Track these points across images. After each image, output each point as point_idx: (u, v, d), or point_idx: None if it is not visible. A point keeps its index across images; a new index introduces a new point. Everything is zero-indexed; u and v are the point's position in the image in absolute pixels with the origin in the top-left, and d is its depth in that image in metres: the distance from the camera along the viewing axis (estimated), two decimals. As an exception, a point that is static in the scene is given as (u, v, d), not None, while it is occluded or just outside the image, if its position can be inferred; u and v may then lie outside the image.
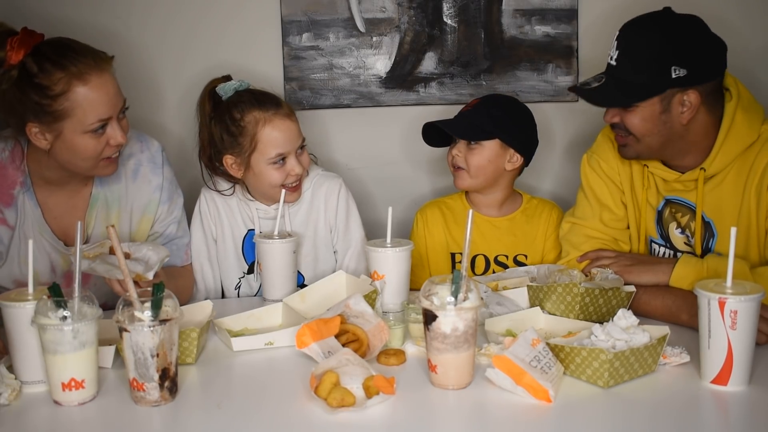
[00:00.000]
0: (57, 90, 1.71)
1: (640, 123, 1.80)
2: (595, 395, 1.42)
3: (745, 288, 1.42)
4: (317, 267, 2.17)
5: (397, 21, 2.56)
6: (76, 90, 1.72)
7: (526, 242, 2.20)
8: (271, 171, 2.03)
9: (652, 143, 1.82)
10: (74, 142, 1.76)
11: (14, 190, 1.88)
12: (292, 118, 2.06)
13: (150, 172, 2.01)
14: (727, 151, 1.81)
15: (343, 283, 1.90)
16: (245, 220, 2.16)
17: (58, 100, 1.72)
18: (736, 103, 1.81)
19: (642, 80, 1.77)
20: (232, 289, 2.18)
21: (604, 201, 2.00)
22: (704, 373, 1.46)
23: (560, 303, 1.75)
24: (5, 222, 1.87)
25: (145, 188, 2.01)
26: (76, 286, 1.43)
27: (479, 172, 2.15)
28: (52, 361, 1.40)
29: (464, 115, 2.19)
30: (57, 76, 1.71)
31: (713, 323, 1.42)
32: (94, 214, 1.96)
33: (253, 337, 1.67)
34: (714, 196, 1.85)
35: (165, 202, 2.03)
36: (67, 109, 1.73)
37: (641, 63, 1.78)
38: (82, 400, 1.43)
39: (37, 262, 1.84)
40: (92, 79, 1.74)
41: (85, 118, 1.74)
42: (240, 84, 2.08)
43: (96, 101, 1.74)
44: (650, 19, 1.82)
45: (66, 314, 1.39)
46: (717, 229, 1.86)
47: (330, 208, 2.16)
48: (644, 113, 1.79)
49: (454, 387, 1.46)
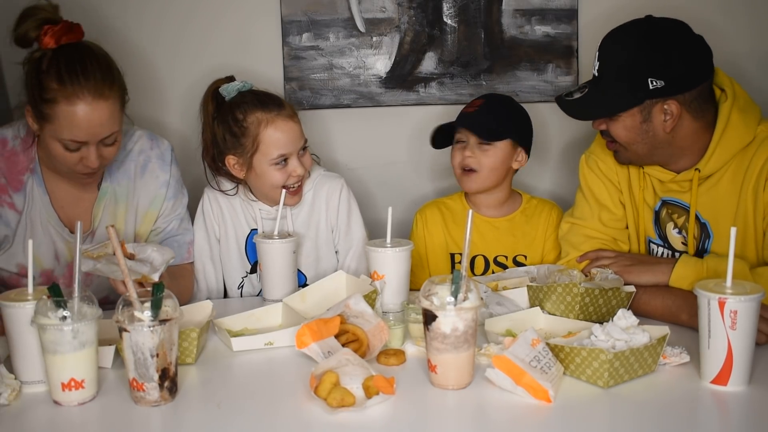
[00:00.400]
0: (48, 96, 1.74)
1: (623, 132, 1.82)
2: (594, 395, 1.42)
3: (745, 288, 1.42)
4: (319, 267, 2.17)
5: (397, 21, 2.56)
6: (61, 106, 1.74)
7: (525, 243, 2.19)
8: (273, 172, 2.03)
9: (638, 150, 1.84)
10: (51, 145, 1.80)
11: (24, 175, 1.91)
12: (294, 120, 2.06)
13: (158, 168, 2.04)
14: (722, 151, 1.81)
15: (343, 283, 1.90)
16: (248, 219, 2.16)
17: (47, 104, 1.75)
18: (731, 104, 1.81)
19: (620, 91, 1.78)
20: (235, 288, 2.18)
21: (603, 201, 2.00)
22: (704, 373, 1.46)
23: (560, 303, 1.75)
24: (13, 206, 1.90)
25: (152, 183, 2.03)
26: (76, 286, 1.43)
27: (492, 173, 2.14)
28: (52, 361, 1.40)
29: (472, 115, 2.16)
30: (52, 85, 1.74)
31: (713, 323, 1.42)
32: (102, 207, 1.98)
33: (253, 337, 1.67)
34: (710, 197, 1.85)
35: (170, 199, 2.05)
36: (50, 116, 1.76)
37: (619, 74, 1.79)
38: (82, 400, 1.42)
39: (41, 248, 1.90)
40: (79, 103, 1.74)
41: (60, 132, 1.77)
42: (243, 85, 2.08)
43: (74, 124, 1.75)
44: (628, 30, 1.82)
45: (66, 314, 1.39)
46: (713, 230, 1.86)
47: (331, 208, 2.16)
48: (626, 123, 1.80)
49: (454, 387, 1.46)
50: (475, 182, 2.16)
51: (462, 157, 2.15)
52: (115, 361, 1.57)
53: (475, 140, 2.14)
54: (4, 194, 1.89)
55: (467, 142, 2.15)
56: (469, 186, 2.17)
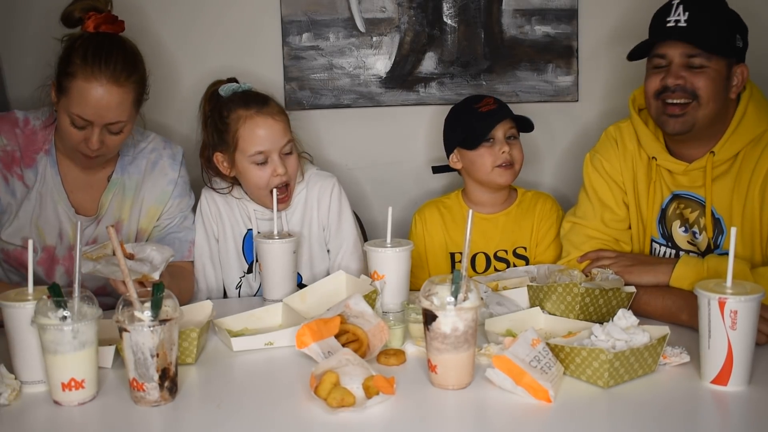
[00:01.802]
0: (70, 70, 1.85)
1: (707, 84, 1.78)
2: (594, 395, 1.42)
3: (745, 288, 1.42)
4: (314, 266, 2.18)
5: (397, 21, 2.56)
6: (78, 81, 1.84)
7: (522, 234, 2.21)
8: (253, 170, 2.03)
9: (711, 111, 1.80)
10: (62, 119, 1.89)
11: (38, 155, 2.00)
12: (276, 118, 2.05)
13: (168, 166, 2.09)
14: (736, 138, 1.82)
15: (343, 283, 1.90)
16: (244, 219, 2.16)
17: (67, 78, 1.85)
18: (749, 95, 1.85)
19: (716, 41, 1.78)
20: (233, 288, 2.18)
21: (606, 201, 2.00)
22: (704, 374, 1.46)
23: (560, 303, 1.75)
24: (22, 179, 1.99)
25: (161, 180, 2.07)
26: (76, 286, 1.43)
27: (520, 167, 2.20)
28: (52, 361, 1.40)
29: (497, 112, 2.17)
30: (76, 61, 1.85)
31: (713, 323, 1.42)
32: (110, 198, 2.04)
33: (253, 337, 1.67)
34: (724, 193, 1.85)
35: (176, 198, 2.09)
36: (67, 89, 1.85)
37: (715, 25, 1.78)
38: (82, 400, 1.42)
39: (47, 225, 1.98)
40: (94, 83, 1.84)
41: (71, 106, 1.85)
42: (239, 86, 2.08)
43: (84, 101, 1.84)
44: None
45: (66, 314, 1.39)
46: (726, 226, 1.85)
47: (323, 206, 2.16)
48: (712, 74, 1.79)
49: (454, 387, 1.46)
50: (513, 175, 2.19)
51: (505, 151, 2.14)
52: (115, 361, 1.57)
53: (512, 132, 2.19)
54: (16, 166, 1.97)
55: (498, 138, 2.16)
56: (508, 180, 2.18)
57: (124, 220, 2.05)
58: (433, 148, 2.53)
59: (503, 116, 2.15)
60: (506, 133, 2.16)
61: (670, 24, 1.80)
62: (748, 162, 1.83)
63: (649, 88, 1.85)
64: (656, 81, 1.83)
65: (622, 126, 2.02)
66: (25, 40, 2.49)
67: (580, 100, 2.62)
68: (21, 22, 2.50)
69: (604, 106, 2.61)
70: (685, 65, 1.79)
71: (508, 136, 2.17)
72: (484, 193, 2.23)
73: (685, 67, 1.79)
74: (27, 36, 2.49)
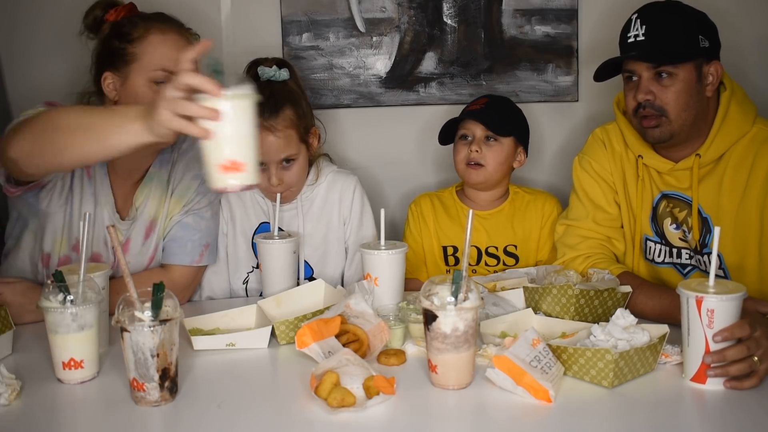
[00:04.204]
0: (135, 35, 1.86)
1: (676, 97, 1.79)
2: (595, 395, 1.42)
3: (726, 287, 1.42)
4: (327, 261, 2.18)
5: (397, 21, 2.56)
6: (151, 36, 1.86)
7: (515, 233, 2.23)
8: None
9: (688, 118, 1.81)
10: (137, 89, 1.86)
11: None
12: (277, 134, 2.00)
13: (196, 161, 2.05)
14: (722, 139, 1.83)
15: (322, 292, 1.86)
16: (257, 213, 2.16)
17: (133, 44, 1.86)
18: (730, 95, 1.85)
19: (676, 49, 1.78)
20: (240, 284, 2.18)
21: (597, 201, 2.01)
22: (685, 371, 1.46)
23: (555, 304, 1.75)
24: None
25: (188, 174, 2.06)
26: (82, 272, 1.50)
27: (498, 168, 2.18)
28: (54, 341, 1.49)
29: (479, 111, 2.19)
30: (139, 25, 1.87)
31: (691, 321, 1.42)
32: (145, 192, 2.03)
33: (214, 337, 1.66)
34: (711, 193, 1.85)
35: (200, 194, 2.07)
36: (137, 54, 1.85)
37: (673, 33, 1.78)
38: (82, 379, 1.50)
39: (93, 234, 1.94)
40: (169, 33, 1.88)
41: (150, 63, 1.85)
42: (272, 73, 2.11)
43: (165, 48, 1.86)
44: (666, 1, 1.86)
45: (68, 298, 1.47)
46: (714, 226, 1.86)
47: (345, 202, 2.18)
48: (681, 83, 1.79)
49: (455, 387, 1.46)
50: (480, 174, 2.18)
51: (468, 152, 2.18)
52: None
53: (482, 134, 2.18)
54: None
55: (473, 137, 2.18)
56: (473, 178, 2.20)
57: (159, 212, 2.03)
58: (433, 148, 2.53)
59: (475, 117, 2.17)
60: (486, 134, 2.18)
61: (630, 40, 1.83)
62: (738, 162, 1.83)
63: (628, 107, 1.89)
64: (630, 98, 1.86)
65: (609, 128, 2.04)
66: (25, 41, 2.49)
67: (580, 100, 2.62)
68: (22, 24, 2.50)
69: (604, 106, 2.60)
70: (654, 77, 1.81)
71: (488, 137, 2.18)
72: (479, 191, 2.26)
73: (653, 79, 1.81)
74: (27, 37, 2.49)
